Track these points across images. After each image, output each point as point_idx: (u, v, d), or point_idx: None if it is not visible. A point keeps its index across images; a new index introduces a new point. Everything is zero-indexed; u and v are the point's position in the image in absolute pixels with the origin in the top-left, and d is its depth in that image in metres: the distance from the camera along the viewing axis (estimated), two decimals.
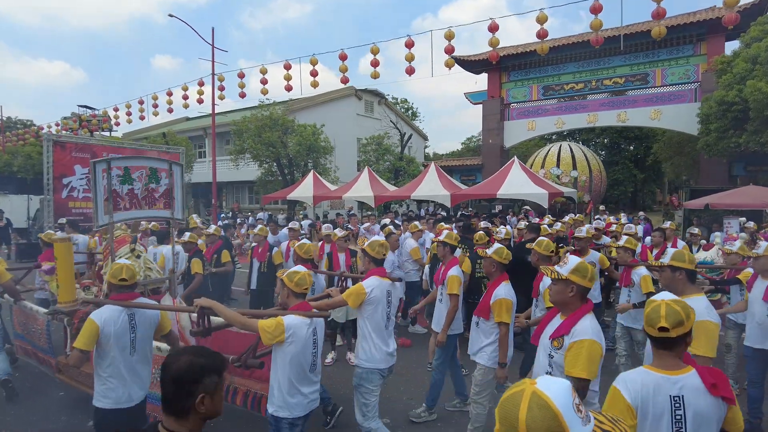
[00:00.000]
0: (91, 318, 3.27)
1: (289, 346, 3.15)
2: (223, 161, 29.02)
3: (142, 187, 5.18)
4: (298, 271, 3.42)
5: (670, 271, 3.14)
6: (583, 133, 38.41)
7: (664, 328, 2.07)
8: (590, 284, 2.82)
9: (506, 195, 14.81)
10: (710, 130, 15.54)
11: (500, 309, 4.05)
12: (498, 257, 4.24)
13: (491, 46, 14.93)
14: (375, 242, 4.09)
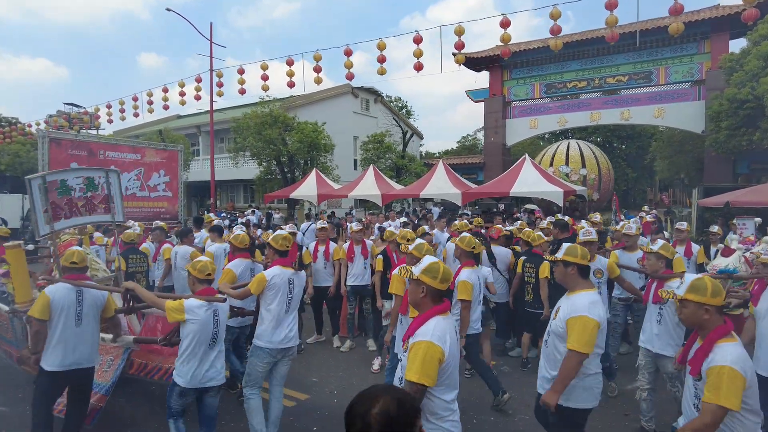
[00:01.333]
0: (44, 291, 3.98)
1: (191, 325, 3.66)
2: (219, 159, 28.43)
3: (81, 196, 5.67)
4: (201, 260, 3.99)
5: (563, 266, 3.22)
6: (576, 132, 38.57)
7: None
8: (442, 286, 2.68)
9: (519, 193, 14.57)
10: (720, 128, 15.50)
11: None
12: (418, 253, 4.19)
13: (503, 42, 14.70)
14: (278, 236, 4.53)
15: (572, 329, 3.01)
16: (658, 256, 4.55)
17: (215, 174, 21.59)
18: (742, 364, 2.37)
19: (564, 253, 3.23)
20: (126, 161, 17.36)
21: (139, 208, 17.62)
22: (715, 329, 2.52)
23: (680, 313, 2.64)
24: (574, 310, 3.09)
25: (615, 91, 21.44)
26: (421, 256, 3.73)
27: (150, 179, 18.07)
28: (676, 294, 2.62)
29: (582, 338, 2.94)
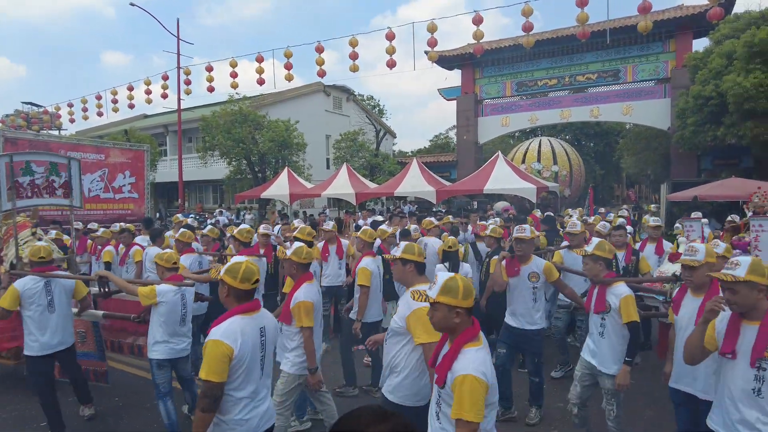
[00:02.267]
0: (13, 285, 4.42)
1: (161, 307, 4.21)
2: (187, 159, 27.70)
3: (44, 179, 6.13)
4: (167, 251, 4.68)
5: (401, 263, 3.23)
6: (546, 129, 39.21)
7: None
8: (243, 285, 2.77)
9: (493, 190, 14.61)
10: (687, 124, 15.86)
11: (299, 313, 3.84)
12: (297, 258, 3.97)
13: (475, 38, 14.71)
14: (243, 229, 5.59)
15: (416, 324, 3.03)
16: (594, 257, 3.91)
17: (184, 174, 21.02)
18: (483, 369, 2.25)
19: (402, 251, 3.21)
20: (89, 162, 16.68)
21: (103, 210, 16.98)
22: (463, 332, 2.37)
23: (431, 316, 2.45)
24: (412, 303, 3.09)
25: (584, 89, 21.77)
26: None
27: (115, 180, 17.44)
28: (429, 296, 2.42)
29: (416, 328, 3.01)
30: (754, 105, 13.12)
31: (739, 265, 2.57)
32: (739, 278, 2.51)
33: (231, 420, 2.67)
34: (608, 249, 3.97)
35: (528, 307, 4.65)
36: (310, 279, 4.05)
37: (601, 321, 3.88)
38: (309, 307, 3.83)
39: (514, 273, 4.68)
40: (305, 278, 4.01)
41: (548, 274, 4.67)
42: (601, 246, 3.95)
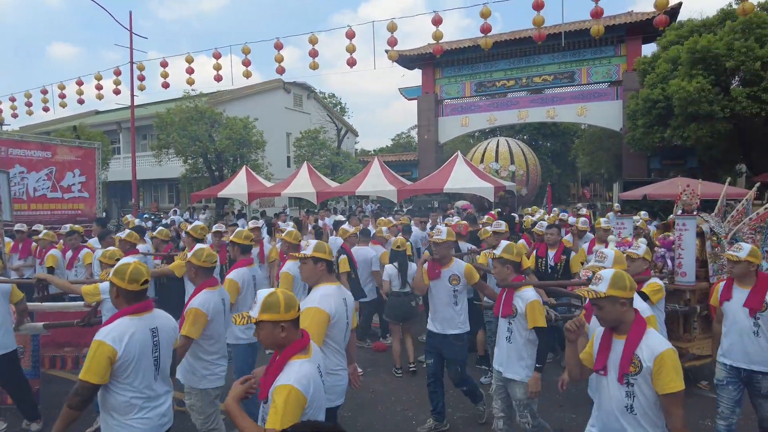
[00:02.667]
0: None
1: (107, 303, 3.89)
2: (141, 157, 26.77)
3: None
4: (110, 249, 4.78)
5: (312, 262, 3.25)
6: (504, 129, 40.00)
7: None
8: (132, 286, 2.78)
9: (453, 189, 14.79)
10: (637, 126, 16.50)
11: (186, 319, 3.52)
12: (197, 260, 3.70)
13: (435, 39, 14.87)
14: (197, 226, 5.49)
15: (302, 319, 2.87)
16: (502, 261, 3.76)
17: (138, 173, 20.29)
18: (305, 382, 2.16)
19: (313, 250, 3.23)
20: (34, 160, 15.93)
21: (51, 210, 16.24)
22: (291, 345, 2.28)
23: (257, 335, 2.34)
24: (307, 301, 3.15)
25: (541, 90, 22.32)
26: None
27: (63, 179, 16.69)
28: (251, 316, 2.29)
29: (309, 329, 2.78)
30: (697, 108, 13.78)
31: (601, 279, 2.50)
32: (600, 294, 2.46)
33: (130, 419, 2.67)
34: (516, 252, 3.79)
35: (449, 311, 4.47)
36: (212, 285, 3.72)
37: (508, 325, 3.80)
38: (199, 316, 3.46)
39: (435, 276, 4.48)
40: (206, 284, 3.68)
41: (469, 276, 4.49)
42: (508, 249, 3.78)
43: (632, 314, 2.52)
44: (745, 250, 3.72)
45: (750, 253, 3.71)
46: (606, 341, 2.58)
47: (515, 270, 3.81)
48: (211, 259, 3.72)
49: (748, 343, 3.68)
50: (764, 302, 3.64)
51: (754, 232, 5.68)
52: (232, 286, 4.38)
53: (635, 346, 2.44)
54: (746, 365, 3.69)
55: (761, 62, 13.24)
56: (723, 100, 13.79)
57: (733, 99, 13.71)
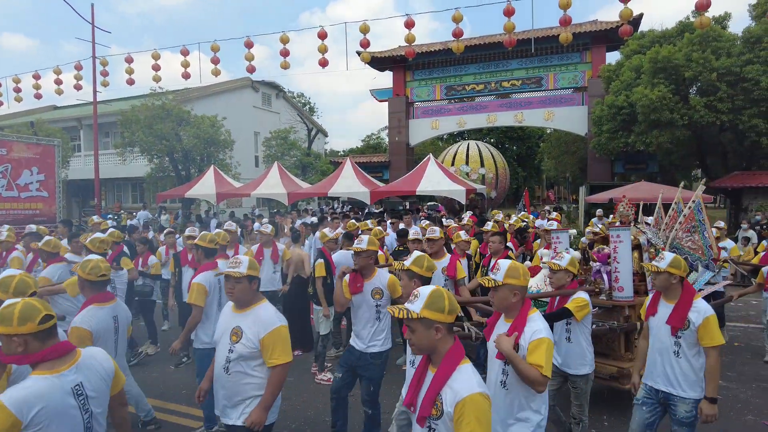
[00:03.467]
0: None
1: None
2: (104, 155, 25.91)
3: None
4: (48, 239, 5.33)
5: (247, 281, 3.02)
6: (472, 133, 40.61)
7: None
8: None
9: (425, 192, 14.89)
10: (602, 131, 17.03)
11: (70, 339, 3.35)
12: (82, 272, 3.47)
13: (407, 42, 14.93)
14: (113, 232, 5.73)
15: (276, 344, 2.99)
16: (410, 273, 3.38)
17: (101, 172, 19.58)
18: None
19: (247, 268, 3.00)
20: None
21: (7, 210, 15.56)
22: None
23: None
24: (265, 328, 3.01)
25: (509, 95, 22.72)
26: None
27: (20, 177, 16.02)
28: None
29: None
30: (659, 116, 14.35)
31: (417, 297, 2.13)
32: (413, 315, 2.06)
33: None
34: (426, 266, 3.42)
35: (372, 327, 4.12)
36: (101, 300, 3.50)
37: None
38: (82, 334, 3.29)
39: (357, 290, 4.09)
40: (95, 299, 3.48)
41: (392, 290, 4.16)
42: (418, 261, 3.40)
43: (448, 343, 2.12)
44: (666, 260, 3.40)
45: (671, 263, 3.36)
46: (419, 372, 2.21)
47: (424, 284, 3.16)
48: (96, 272, 3.39)
49: (667, 363, 3.37)
50: (687, 320, 3.27)
51: (690, 233, 5.39)
52: (200, 289, 4.32)
53: (441, 384, 2.04)
54: (664, 387, 3.39)
55: (717, 73, 13.88)
56: (682, 108, 14.39)
57: (692, 107, 14.33)
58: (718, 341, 3.19)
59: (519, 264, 2.76)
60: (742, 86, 13.74)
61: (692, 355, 3.28)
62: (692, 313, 3.26)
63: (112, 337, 3.49)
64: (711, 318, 3.20)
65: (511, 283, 2.67)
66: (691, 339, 3.26)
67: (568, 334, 3.95)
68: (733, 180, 14.46)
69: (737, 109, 13.89)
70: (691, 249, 5.34)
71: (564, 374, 3.98)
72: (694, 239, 5.35)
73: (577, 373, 3.91)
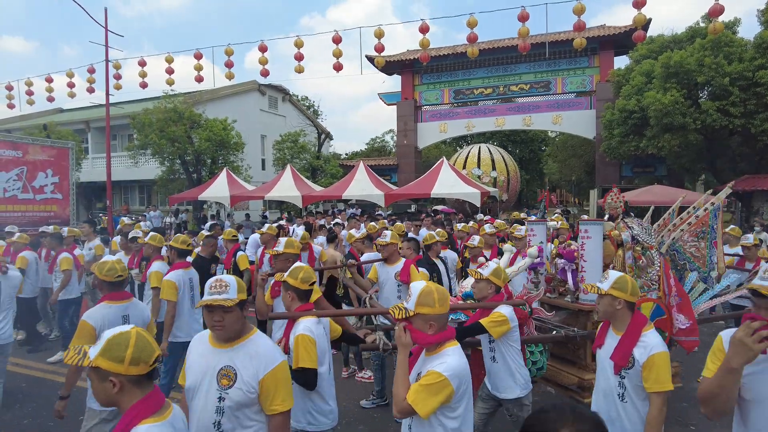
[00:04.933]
0: None
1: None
2: (112, 158, 25.94)
3: None
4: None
5: (238, 308, 2.59)
6: (475, 136, 40.81)
7: None
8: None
9: (440, 194, 15.04)
10: (613, 135, 17.20)
11: (76, 333, 3.55)
12: (99, 273, 3.57)
13: (421, 46, 15.20)
14: None
15: None
16: (285, 285, 3.06)
17: (116, 175, 19.51)
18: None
19: (237, 291, 2.46)
20: (4, 159, 15.33)
21: (22, 211, 15.61)
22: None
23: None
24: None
25: (517, 99, 22.92)
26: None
27: (35, 180, 16.08)
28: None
29: None
30: (671, 120, 14.52)
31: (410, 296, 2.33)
32: (410, 312, 2.28)
33: None
34: (301, 277, 3.06)
35: None
36: (113, 299, 3.56)
37: None
38: (84, 329, 3.38)
39: (277, 293, 3.72)
40: (107, 297, 3.58)
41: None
42: (294, 273, 3.10)
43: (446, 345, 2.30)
44: (610, 280, 2.77)
45: (614, 283, 2.74)
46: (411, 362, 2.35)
47: (300, 298, 3.04)
48: (113, 273, 3.50)
49: (612, 407, 2.71)
50: (631, 356, 2.63)
51: (697, 239, 4.79)
52: (170, 285, 4.74)
53: None
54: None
55: (729, 78, 14.08)
56: (694, 112, 14.58)
57: (704, 112, 14.51)
58: (663, 386, 2.54)
59: (434, 287, 2.32)
60: (755, 90, 13.94)
61: (640, 401, 2.63)
62: (638, 349, 2.62)
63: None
64: (659, 356, 2.55)
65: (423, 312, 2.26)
66: (636, 380, 2.62)
67: (492, 353, 3.43)
68: (744, 183, 14.63)
69: (749, 113, 14.09)
70: (693, 256, 4.80)
71: (495, 398, 3.50)
72: (699, 246, 4.76)
73: (507, 396, 3.40)
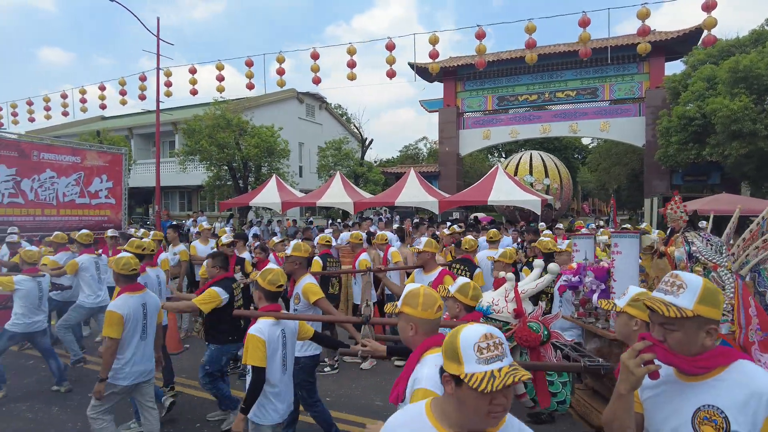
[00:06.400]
0: None
1: (20, 291, 5.58)
2: (151, 164, 26.32)
3: None
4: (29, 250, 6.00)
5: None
6: (506, 144, 40.44)
7: None
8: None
9: (497, 202, 14.78)
10: (670, 142, 16.78)
11: (106, 322, 3.94)
12: (116, 267, 4.10)
13: (478, 52, 15.11)
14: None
15: None
16: (256, 285, 3.55)
17: (148, 180, 19.77)
18: None
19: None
20: (64, 164, 15.58)
21: (79, 216, 15.82)
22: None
23: None
24: None
25: (563, 105, 22.58)
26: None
27: (91, 185, 16.30)
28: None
29: None
30: (740, 126, 14.10)
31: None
32: None
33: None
34: (269, 281, 3.43)
35: None
36: (132, 290, 4.07)
37: None
38: (113, 318, 3.83)
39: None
40: (127, 288, 4.06)
41: (306, 295, 4.22)
42: (263, 274, 3.46)
43: None
44: (627, 296, 2.41)
45: (632, 300, 2.36)
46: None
47: (267, 298, 3.41)
48: (127, 267, 4.05)
49: None
50: None
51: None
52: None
53: None
54: None
55: None
56: (765, 118, 14.14)
57: None
58: None
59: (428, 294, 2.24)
60: None
61: None
62: None
63: (141, 320, 4.09)
64: None
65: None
66: None
67: None
68: None
69: None
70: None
71: None
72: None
73: None
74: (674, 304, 1.60)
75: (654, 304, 1.64)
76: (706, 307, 1.60)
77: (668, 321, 1.60)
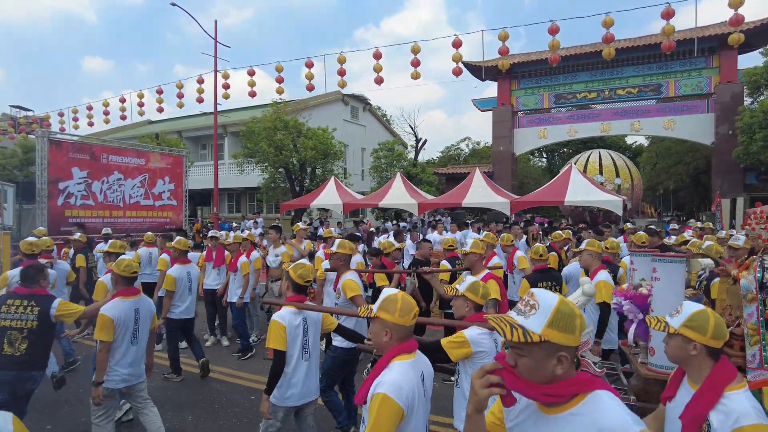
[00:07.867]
0: None
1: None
2: (203, 167, 26.45)
3: None
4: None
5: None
6: (548, 145, 39.55)
7: None
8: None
9: (574, 202, 14.21)
10: (752, 139, 15.91)
11: (97, 325, 3.91)
12: (117, 269, 4.05)
13: (551, 48, 14.52)
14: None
15: None
16: (287, 276, 3.82)
17: (199, 183, 19.74)
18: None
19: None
20: (130, 166, 15.64)
21: (143, 217, 15.91)
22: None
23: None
24: None
25: (624, 102, 21.77)
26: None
27: (155, 186, 16.35)
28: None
29: None
30: None
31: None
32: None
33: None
34: (300, 274, 3.76)
35: None
36: (125, 294, 4.00)
37: None
38: (104, 321, 3.79)
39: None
40: (120, 293, 4.00)
41: (345, 290, 4.36)
42: (296, 267, 3.79)
43: None
44: (683, 315, 2.08)
45: (689, 320, 2.04)
46: None
47: (294, 290, 3.74)
48: (129, 269, 4.01)
49: None
50: (705, 422, 1.91)
51: None
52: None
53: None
54: None
55: None
56: None
57: None
58: None
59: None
60: None
61: None
62: (716, 413, 1.88)
63: (132, 325, 4.01)
64: (750, 430, 1.78)
65: None
66: None
67: (457, 376, 3.01)
68: None
69: None
70: None
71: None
72: None
73: (457, 426, 3.02)
74: (522, 327, 1.44)
75: (497, 324, 1.47)
76: (556, 332, 1.42)
77: (516, 345, 1.45)
